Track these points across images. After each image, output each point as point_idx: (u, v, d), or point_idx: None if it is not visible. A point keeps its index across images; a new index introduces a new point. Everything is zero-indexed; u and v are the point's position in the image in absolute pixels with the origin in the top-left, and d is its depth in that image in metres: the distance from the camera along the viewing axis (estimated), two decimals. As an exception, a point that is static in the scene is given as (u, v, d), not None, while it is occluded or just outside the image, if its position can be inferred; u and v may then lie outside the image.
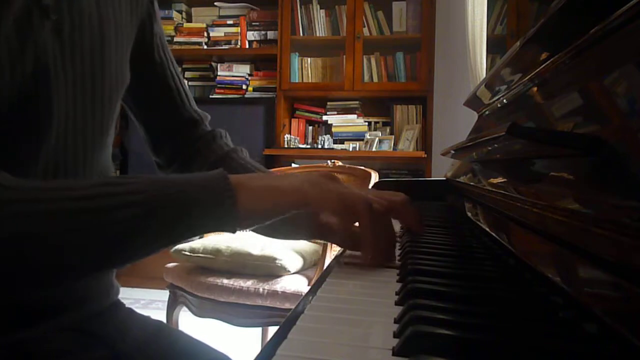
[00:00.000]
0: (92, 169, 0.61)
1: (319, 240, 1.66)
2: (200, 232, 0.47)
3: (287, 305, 1.52)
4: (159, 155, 0.81)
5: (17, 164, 0.53)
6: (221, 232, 0.50)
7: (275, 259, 1.59)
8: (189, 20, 3.54)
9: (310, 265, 1.72)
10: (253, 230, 0.55)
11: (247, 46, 3.37)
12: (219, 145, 0.79)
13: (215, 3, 3.45)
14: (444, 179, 1.12)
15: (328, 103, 3.33)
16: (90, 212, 0.42)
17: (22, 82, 0.51)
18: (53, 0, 0.54)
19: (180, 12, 3.52)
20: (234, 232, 0.48)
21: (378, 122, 3.30)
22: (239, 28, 3.38)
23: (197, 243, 1.73)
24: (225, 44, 3.40)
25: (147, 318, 0.72)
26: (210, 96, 3.42)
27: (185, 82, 0.80)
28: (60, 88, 0.55)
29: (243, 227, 0.49)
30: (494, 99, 0.82)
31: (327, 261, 1.57)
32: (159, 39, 0.75)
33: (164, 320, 0.72)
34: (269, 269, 1.59)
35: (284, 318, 0.35)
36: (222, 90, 3.39)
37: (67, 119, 0.56)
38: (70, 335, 0.60)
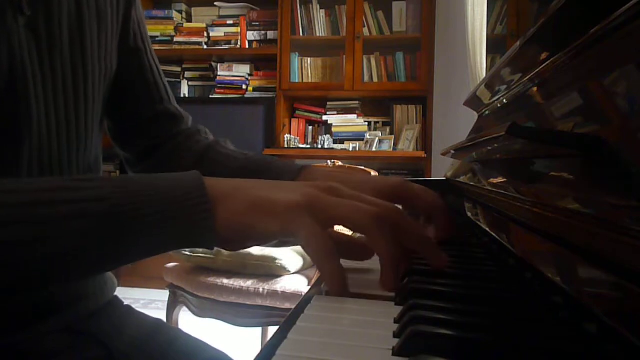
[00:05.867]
0: (79, 169, 0.59)
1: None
2: (163, 252, 0.39)
3: (287, 305, 1.52)
4: (128, 150, 0.75)
5: None
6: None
7: (275, 259, 1.59)
8: (189, 20, 3.54)
9: (310, 265, 1.72)
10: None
11: (247, 46, 3.37)
12: (205, 138, 0.75)
13: (215, 3, 3.45)
14: (444, 179, 1.12)
15: (328, 103, 3.33)
16: (32, 219, 0.35)
17: None
18: None
19: (180, 12, 3.52)
20: (211, 248, 0.39)
21: (378, 122, 3.31)
22: (239, 28, 3.38)
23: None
24: (225, 44, 3.40)
25: (145, 316, 0.71)
26: (210, 96, 3.43)
27: (164, 77, 0.75)
28: (38, 85, 0.53)
29: (220, 245, 0.40)
30: (494, 99, 0.82)
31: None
32: (137, 25, 0.70)
33: (164, 320, 0.72)
34: (269, 269, 1.59)
35: (284, 318, 0.35)
36: (222, 90, 3.40)
37: (47, 116, 0.54)
38: (64, 335, 0.58)
